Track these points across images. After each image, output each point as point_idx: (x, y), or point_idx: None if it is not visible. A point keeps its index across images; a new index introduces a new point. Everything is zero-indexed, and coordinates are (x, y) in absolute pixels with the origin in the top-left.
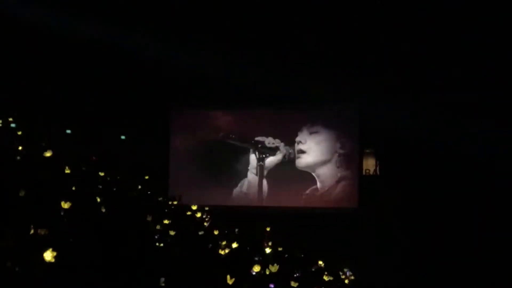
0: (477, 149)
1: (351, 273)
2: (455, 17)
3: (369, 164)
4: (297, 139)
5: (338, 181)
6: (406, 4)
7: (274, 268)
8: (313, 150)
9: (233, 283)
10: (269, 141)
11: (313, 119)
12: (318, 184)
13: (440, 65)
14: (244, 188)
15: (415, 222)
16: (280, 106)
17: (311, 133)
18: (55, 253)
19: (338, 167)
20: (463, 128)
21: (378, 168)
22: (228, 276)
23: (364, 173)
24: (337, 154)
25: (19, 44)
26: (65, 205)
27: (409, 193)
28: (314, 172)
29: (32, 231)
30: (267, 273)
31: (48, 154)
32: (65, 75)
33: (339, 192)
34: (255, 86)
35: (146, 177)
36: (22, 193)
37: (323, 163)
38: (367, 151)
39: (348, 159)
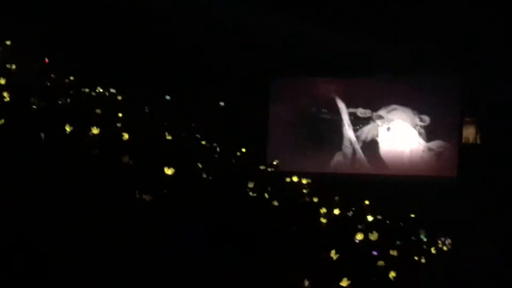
0: None
1: (449, 241)
2: None
3: (470, 133)
4: (388, 108)
5: (430, 150)
6: None
7: (373, 236)
8: (403, 120)
9: (336, 252)
10: (361, 112)
11: (409, 89)
12: (409, 152)
13: None
14: (340, 158)
15: None
16: (374, 75)
17: (401, 104)
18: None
19: (429, 136)
20: None
21: (479, 137)
22: (333, 252)
23: (464, 141)
24: (428, 123)
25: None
26: (169, 171)
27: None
28: (405, 141)
29: (137, 196)
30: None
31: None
32: (163, 42)
33: (437, 160)
34: (352, 55)
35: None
36: (126, 159)
37: (408, 136)
38: (468, 119)
39: (446, 128)
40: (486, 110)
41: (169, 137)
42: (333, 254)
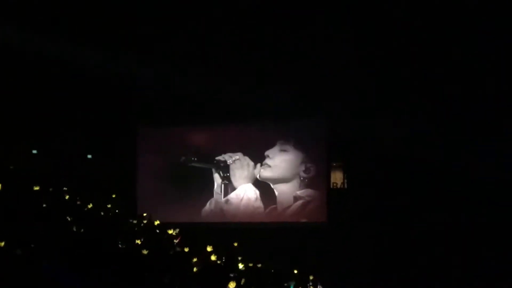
0: (445, 160)
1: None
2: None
3: (337, 178)
4: (266, 153)
5: (299, 198)
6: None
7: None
8: (278, 167)
9: None
10: (230, 158)
11: (277, 134)
12: (279, 200)
13: (405, 77)
14: (212, 206)
15: (384, 234)
16: (244, 122)
17: (280, 150)
18: None
19: (300, 186)
20: (429, 139)
21: (345, 181)
22: None
23: (332, 186)
24: (300, 175)
25: None
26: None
27: (376, 205)
28: (275, 186)
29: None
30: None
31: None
32: (28, 92)
33: (306, 206)
34: (219, 102)
35: (114, 196)
36: None
37: (286, 180)
38: (335, 164)
39: (316, 174)
40: (351, 155)
41: (36, 188)
42: None
